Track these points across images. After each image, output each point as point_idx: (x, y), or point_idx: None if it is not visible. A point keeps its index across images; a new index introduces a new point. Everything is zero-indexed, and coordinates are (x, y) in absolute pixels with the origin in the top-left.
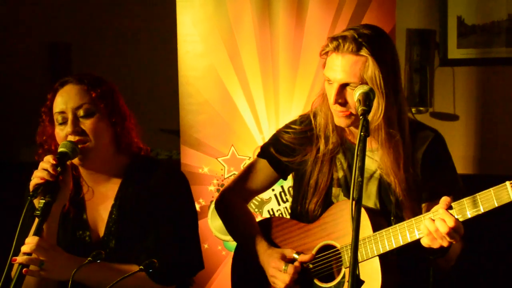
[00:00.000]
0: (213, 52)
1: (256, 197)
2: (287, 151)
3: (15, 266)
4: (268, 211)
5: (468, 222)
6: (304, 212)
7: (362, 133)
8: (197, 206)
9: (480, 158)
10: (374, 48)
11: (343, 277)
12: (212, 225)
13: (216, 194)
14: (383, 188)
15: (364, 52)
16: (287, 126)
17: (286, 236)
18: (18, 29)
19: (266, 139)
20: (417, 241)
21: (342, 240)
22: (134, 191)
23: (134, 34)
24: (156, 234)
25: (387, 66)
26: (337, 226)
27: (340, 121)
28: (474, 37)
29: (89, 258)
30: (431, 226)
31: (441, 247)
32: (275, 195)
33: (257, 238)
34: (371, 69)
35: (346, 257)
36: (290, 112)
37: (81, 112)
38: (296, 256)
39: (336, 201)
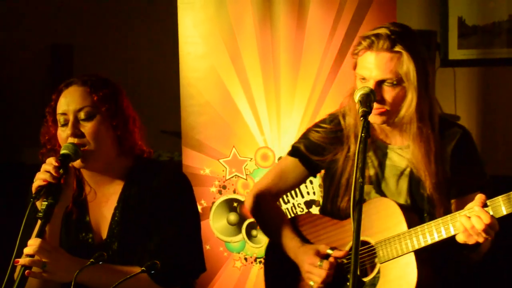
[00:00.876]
0: (214, 53)
1: None
2: (318, 150)
3: (18, 268)
4: None
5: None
6: (336, 210)
7: (362, 134)
8: (199, 208)
9: None
10: (407, 44)
11: (378, 272)
12: (214, 226)
13: (218, 196)
14: (414, 184)
15: (398, 48)
16: (316, 125)
17: (319, 232)
18: (20, 31)
19: (268, 140)
20: (451, 237)
21: (376, 237)
22: (137, 193)
23: (136, 36)
24: (159, 236)
25: (419, 61)
26: (370, 223)
27: (375, 118)
28: (474, 37)
29: (91, 260)
30: (467, 223)
31: (476, 243)
32: None
33: (290, 235)
34: (406, 65)
35: (381, 253)
36: (291, 114)
37: (82, 115)
38: (330, 251)
39: (368, 198)
